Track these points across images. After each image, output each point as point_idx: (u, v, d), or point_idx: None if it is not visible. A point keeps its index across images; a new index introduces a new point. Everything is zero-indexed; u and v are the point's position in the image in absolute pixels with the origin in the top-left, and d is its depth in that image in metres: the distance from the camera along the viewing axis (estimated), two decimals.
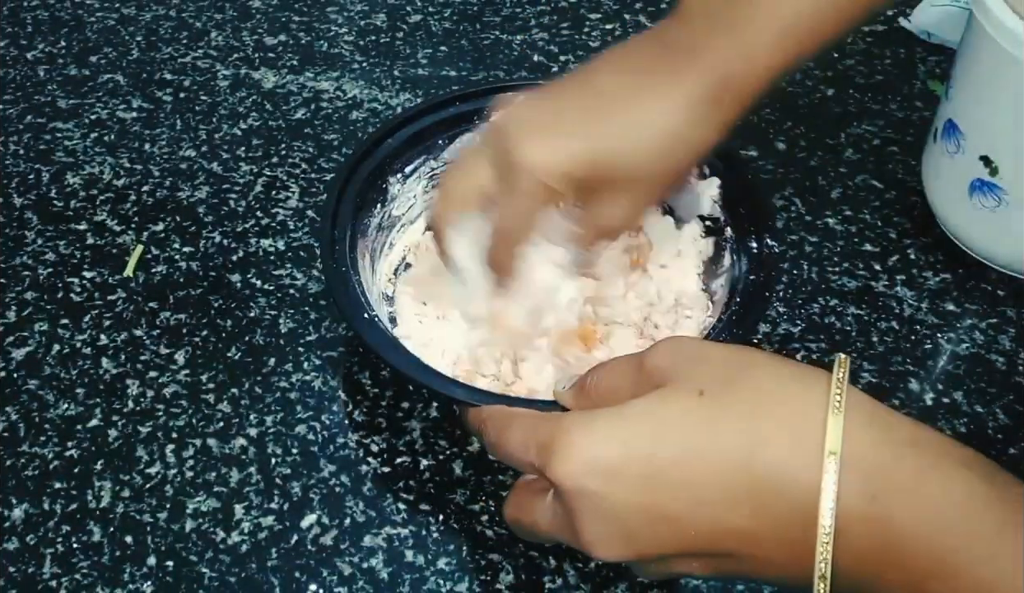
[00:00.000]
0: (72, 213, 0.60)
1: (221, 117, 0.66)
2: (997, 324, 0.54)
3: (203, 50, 0.72)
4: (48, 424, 0.50)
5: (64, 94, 0.68)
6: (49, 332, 0.54)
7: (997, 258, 0.56)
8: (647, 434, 0.33)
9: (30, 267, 0.57)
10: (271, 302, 0.55)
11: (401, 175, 0.53)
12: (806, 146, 0.64)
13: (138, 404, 0.50)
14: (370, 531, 0.46)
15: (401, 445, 0.49)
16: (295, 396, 0.51)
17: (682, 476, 0.33)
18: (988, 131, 0.52)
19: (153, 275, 0.57)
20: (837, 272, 0.57)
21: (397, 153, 0.53)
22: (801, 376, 0.34)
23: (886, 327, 0.54)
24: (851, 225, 0.59)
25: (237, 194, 0.61)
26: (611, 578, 0.44)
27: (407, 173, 0.53)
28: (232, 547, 0.45)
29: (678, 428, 0.33)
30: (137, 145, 0.64)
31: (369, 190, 0.51)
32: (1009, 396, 0.51)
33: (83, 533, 0.46)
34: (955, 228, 0.57)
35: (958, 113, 0.53)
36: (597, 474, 0.33)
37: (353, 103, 0.67)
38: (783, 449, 0.32)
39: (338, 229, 0.48)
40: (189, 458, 0.48)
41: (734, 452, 0.32)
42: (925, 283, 0.56)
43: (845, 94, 0.67)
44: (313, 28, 0.73)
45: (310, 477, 0.48)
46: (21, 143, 0.64)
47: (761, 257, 0.48)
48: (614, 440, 0.33)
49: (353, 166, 0.51)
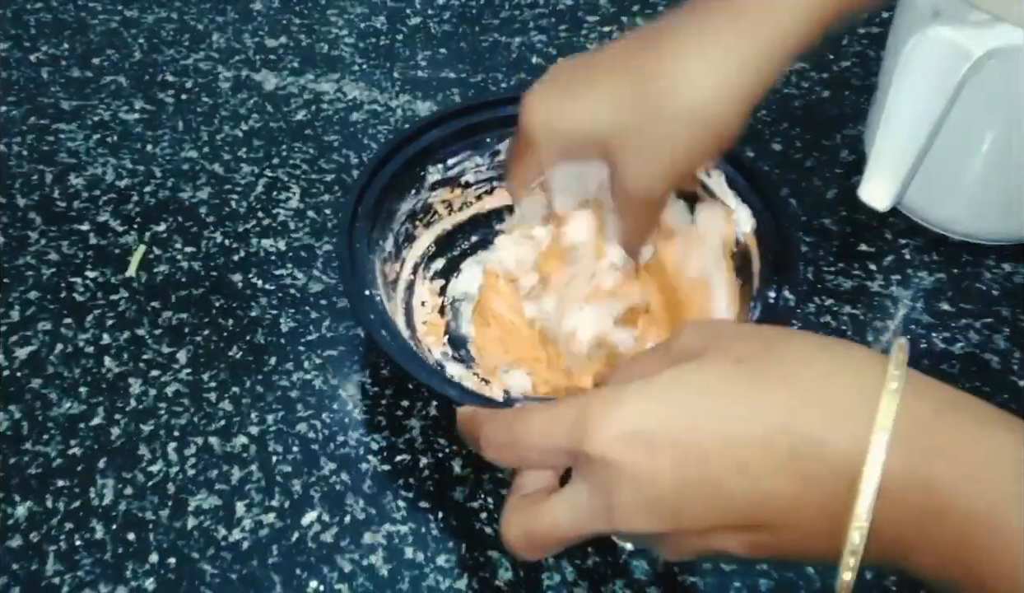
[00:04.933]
0: (75, 213, 0.61)
1: (223, 118, 0.67)
2: (992, 324, 0.55)
3: (205, 52, 0.72)
4: (51, 422, 0.50)
5: (67, 96, 0.68)
6: (52, 331, 0.54)
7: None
8: (685, 400, 0.32)
9: (33, 267, 0.57)
10: (272, 302, 0.56)
11: (442, 165, 0.54)
12: (802, 147, 0.64)
13: (140, 403, 0.51)
14: (370, 528, 0.46)
15: (401, 443, 0.49)
16: (296, 395, 0.51)
17: (721, 443, 0.31)
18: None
19: (155, 275, 0.57)
20: (833, 272, 0.57)
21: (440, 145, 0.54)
22: (849, 351, 0.33)
23: (881, 327, 0.54)
24: (846, 225, 0.60)
25: (238, 195, 0.62)
26: (609, 575, 0.44)
27: (448, 165, 0.55)
28: (233, 544, 0.45)
29: (717, 394, 0.32)
30: (139, 146, 0.65)
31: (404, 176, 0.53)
32: (1004, 395, 0.51)
33: (86, 530, 0.46)
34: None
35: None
36: (637, 443, 0.32)
37: (353, 105, 0.68)
38: (827, 417, 0.31)
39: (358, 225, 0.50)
40: (191, 456, 0.49)
41: (776, 417, 0.31)
42: (920, 283, 0.57)
43: (841, 95, 0.68)
44: (314, 30, 0.74)
45: (311, 475, 0.48)
46: (25, 144, 0.65)
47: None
48: (651, 408, 0.32)
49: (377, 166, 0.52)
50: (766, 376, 0.32)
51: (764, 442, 0.31)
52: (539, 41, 0.73)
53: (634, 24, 0.75)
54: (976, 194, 0.56)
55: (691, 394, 0.32)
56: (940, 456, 0.30)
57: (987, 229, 0.58)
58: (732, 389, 0.32)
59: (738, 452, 0.31)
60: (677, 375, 0.33)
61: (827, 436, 0.31)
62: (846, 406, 0.31)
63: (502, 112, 0.54)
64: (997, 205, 0.56)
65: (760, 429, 0.31)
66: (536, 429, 0.34)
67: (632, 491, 0.32)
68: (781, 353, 0.32)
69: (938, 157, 0.53)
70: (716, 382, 0.32)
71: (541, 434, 0.34)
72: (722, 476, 0.31)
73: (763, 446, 0.31)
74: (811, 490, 0.31)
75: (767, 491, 0.31)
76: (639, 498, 0.32)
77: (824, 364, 0.32)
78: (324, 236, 0.59)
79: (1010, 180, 0.54)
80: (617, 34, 0.74)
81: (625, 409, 0.32)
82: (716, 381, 0.32)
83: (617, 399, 0.33)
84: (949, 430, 0.30)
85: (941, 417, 0.31)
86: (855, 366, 0.32)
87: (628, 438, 0.32)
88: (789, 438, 0.31)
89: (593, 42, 0.73)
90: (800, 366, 0.32)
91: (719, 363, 0.32)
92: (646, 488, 0.32)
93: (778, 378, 0.32)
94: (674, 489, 0.32)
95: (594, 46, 0.73)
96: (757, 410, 0.31)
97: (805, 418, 0.31)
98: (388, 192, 0.52)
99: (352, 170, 0.63)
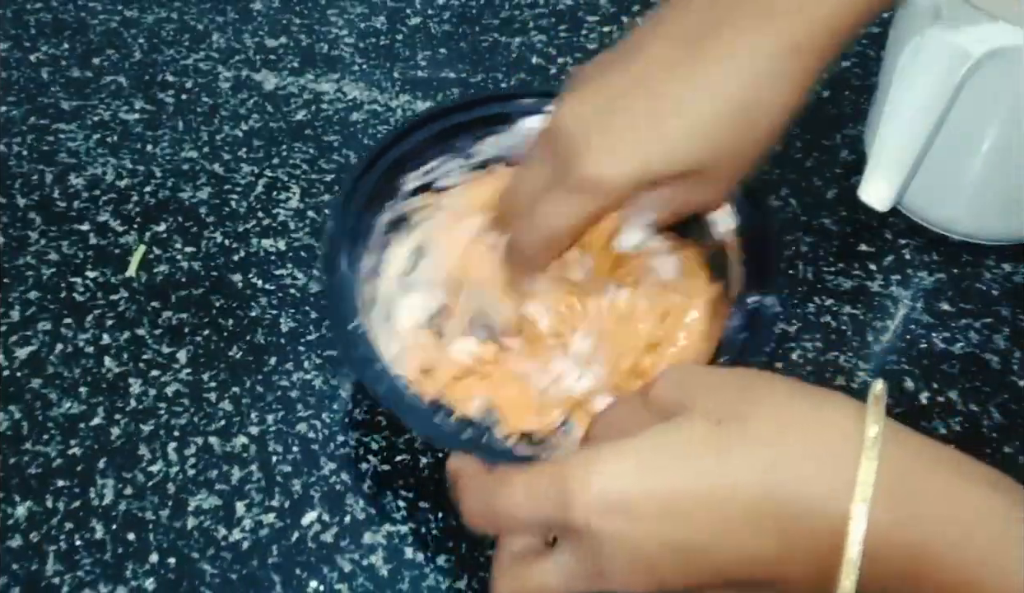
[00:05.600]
0: (75, 214, 0.61)
1: (222, 118, 0.67)
2: (992, 323, 0.55)
3: (205, 52, 0.72)
4: (51, 422, 0.50)
5: (67, 96, 0.68)
6: (52, 331, 0.54)
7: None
8: (666, 465, 0.32)
9: (33, 267, 0.57)
10: (272, 302, 0.56)
11: (418, 173, 0.52)
12: (802, 147, 0.64)
13: (140, 403, 0.51)
14: (370, 528, 0.46)
15: (401, 443, 0.49)
16: (296, 395, 0.51)
17: (706, 505, 0.32)
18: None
19: (155, 275, 0.57)
20: (832, 272, 0.57)
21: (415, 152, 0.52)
22: (825, 402, 0.33)
23: (881, 326, 0.54)
24: (846, 225, 0.60)
25: (238, 195, 0.62)
26: None
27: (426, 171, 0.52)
28: (233, 544, 0.45)
29: (697, 457, 0.32)
30: (139, 146, 0.65)
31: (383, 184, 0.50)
32: (1004, 395, 0.51)
33: (86, 530, 0.46)
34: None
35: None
36: (619, 510, 0.32)
37: (353, 105, 0.68)
38: (810, 476, 0.31)
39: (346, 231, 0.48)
40: (191, 456, 0.49)
41: (758, 481, 0.31)
42: (920, 283, 0.57)
43: (841, 95, 0.68)
44: (314, 30, 0.74)
45: (311, 475, 0.48)
46: (24, 144, 0.65)
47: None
48: (631, 473, 0.32)
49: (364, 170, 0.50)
50: (745, 437, 0.32)
51: (746, 506, 0.31)
52: (539, 41, 0.73)
53: (634, 24, 0.74)
54: (976, 194, 0.56)
55: (671, 458, 0.32)
56: (925, 516, 0.30)
57: (987, 229, 0.58)
58: (712, 452, 0.32)
59: (720, 517, 0.31)
60: (655, 436, 0.33)
61: (809, 497, 0.31)
62: (827, 466, 0.31)
63: (478, 113, 0.52)
64: (997, 205, 0.56)
65: (743, 494, 0.31)
66: (516, 501, 0.34)
67: (618, 557, 0.32)
68: (759, 410, 0.33)
69: (938, 157, 0.53)
70: (697, 445, 0.32)
71: (521, 506, 0.34)
72: (706, 540, 0.32)
73: (745, 509, 0.31)
74: (795, 550, 0.31)
75: (751, 552, 0.32)
76: (626, 563, 0.32)
77: (803, 420, 0.32)
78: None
79: (1010, 180, 0.54)
80: (618, 34, 0.74)
81: (605, 475, 0.32)
82: (697, 444, 0.32)
83: (597, 463, 0.33)
84: (934, 487, 0.31)
85: (924, 473, 0.31)
86: (834, 420, 0.32)
87: (610, 505, 0.32)
88: (772, 502, 0.31)
89: (593, 42, 0.73)
90: (779, 424, 0.32)
91: (699, 423, 0.33)
92: (631, 553, 0.32)
93: (757, 438, 0.32)
94: (659, 553, 0.32)
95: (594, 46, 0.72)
96: (739, 475, 0.32)
97: (785, 479, 0.31)
98: (368, 206, 0.49)
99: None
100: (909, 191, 0.54)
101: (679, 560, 0.32)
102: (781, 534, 0.31)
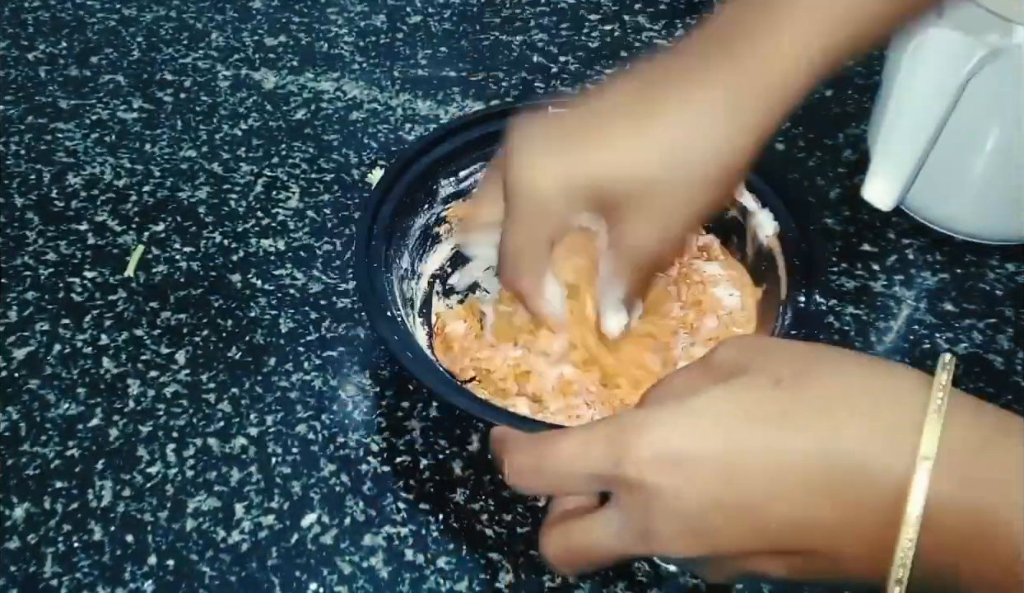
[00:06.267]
0: (73, 213, 0.60)
1: (221, 117, 0.66)
2: (995, 324, 0.54)
3: (203, 51, 0.72)
4: (49, 424, 0.50)
5: (65, 95, 0.68)
6: (50, 332, 0.54)
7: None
8: (723, 424, 0.31)
9: (31, 267, 0.57)
10: (271, 302, 0.55)
11: (455, 178, 0.54)
12: (804, 146, 0.64)
13: (139, 404, 0.51)
14: (370, 530, 0.46)
15: (401, 444, 0.49)
16: (295, 396, 0.51)
17: (760, 467, 0.31)
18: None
19: (154, 275, 0.57)
20: (836, 272, 0.57)
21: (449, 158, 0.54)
22: (888, 370, 0.32)
23: (884, 327, 0.54)
24: (849, 225, 0.59)
25: (237, 194, 0.61)
26: (611, 577, 0.44)
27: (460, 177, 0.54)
28: (232, 546, 0.45)
29: (755, 417, 0.31)
30: (138, 145, 0.65)
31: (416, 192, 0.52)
32: (1008, 396, 0.51)
33: (84, 532, 0.46)
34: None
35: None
36: (674, 466, 0.31)
37: (353, 104, 0.67)
38: (868, 442, 0.30)
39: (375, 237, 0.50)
40: (190, 457, 0.48)
41: (814, 442, 0.30)
42: (924, 283, 0.56)
43: (844, 95, 0.68)
44: (313, 29, 0.73)
45: (310, 476, 0.48)
46: (22, 143, 0.65)
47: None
48: (688, 430, 0.31)
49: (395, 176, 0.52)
50: (805, 399, 0.31)
51: (803, 469, 0.30)
52: (540, 40, 0.73)
53: (636, 22, 0.74)
54: (980, 193, 0.56)
55: (729, 417, 0.32)
56: (987, 481, 0.29)
57: (991, 229, 0.57)
58: (770, 413, 0.31)
59: (776, 478, 0.31)
60: (715, 396, 0.32)
61: (868, 463, 0.30)
62: (888, 432, 0.30)
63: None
64: (1001, 204, 0.56)
65: (799, 456, 0.30)
66: (567, 453, 0.33)
67: (669, 515, 0.32)
68: (820, 374, 0.32)
69: (942, 156, 0.52)
70: (755, 405, 0.31)
71: (572, 458, 0.33)
72: (760, 502, 0.31)
73: (802, 473, 0.30)
74: (852, 517, 0.30)
75: (806, 518, 0.31)
76: (677, 522, 0.32)
77: (865, 386, 0.31)
78: (324, 236, 0.59)
79: (1014, 179, 0.54)
80: (618, 33, 0.73)
81: (662, 431, 0.32)
82: (755, 404, 0.31)
83: (654, 420, 0.32)
84: (996, 454, 0.30)
85: (987, 441, 0.30)
86: (897, 388, 0.31)
87: (665, 461, 0.31)
88: (829, 465, 0.30)
89: (595, 40, 0.73)
90: (840, 389, 0.31)
91: (758, 384, 0.32)
92: (683, 512, 0.31)
93: (817, 401, 0.31)
94: (712, 514, 0.31)
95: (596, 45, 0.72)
96: (796, 436, 0.31)
97: (845, 445, 0.30)
98: (401, 208, 0.51)
99: (352, 169, 0.63)
100: (912, 190, 0.54)
101: (730, 522, 0.31)
102: (837, 501, 0.30)
